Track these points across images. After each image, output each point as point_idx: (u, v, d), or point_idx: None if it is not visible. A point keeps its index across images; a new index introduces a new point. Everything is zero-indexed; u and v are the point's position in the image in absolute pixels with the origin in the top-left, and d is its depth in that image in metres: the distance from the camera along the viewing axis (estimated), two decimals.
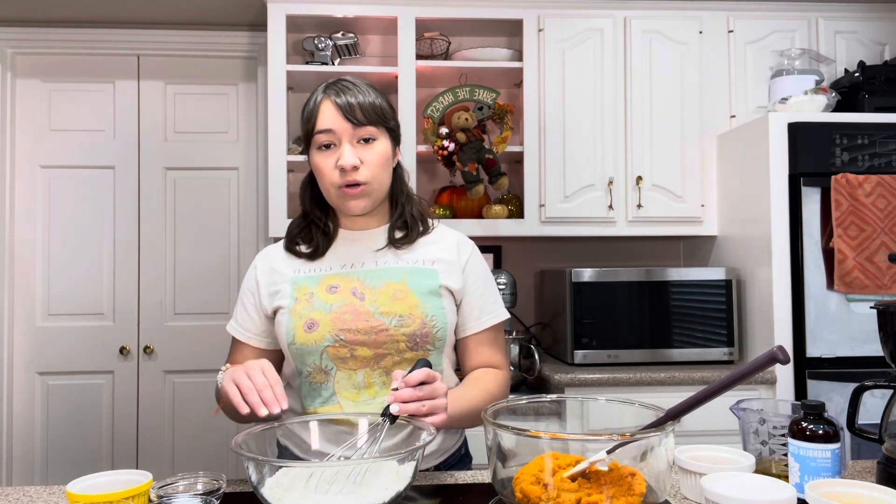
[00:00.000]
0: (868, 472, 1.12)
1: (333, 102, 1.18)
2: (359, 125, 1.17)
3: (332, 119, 1.17)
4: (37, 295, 2.80)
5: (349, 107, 1.17)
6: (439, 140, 2.36)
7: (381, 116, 1.20)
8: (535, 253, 2.88)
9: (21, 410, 2.78)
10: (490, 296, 1.29)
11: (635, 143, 2.53)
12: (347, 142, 1.17)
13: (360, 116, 1.17)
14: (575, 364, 2.34)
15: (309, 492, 0.86)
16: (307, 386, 1.21)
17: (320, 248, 1.26)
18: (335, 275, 1.23)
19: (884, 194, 2.13)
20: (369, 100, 1.19)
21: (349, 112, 1.16)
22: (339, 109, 1.17)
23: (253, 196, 2.89)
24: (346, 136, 1.17)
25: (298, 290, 1.22)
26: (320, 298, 1.20)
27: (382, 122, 1.20)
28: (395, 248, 1.25)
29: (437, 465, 1.25)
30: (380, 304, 1.19)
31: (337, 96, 1.18)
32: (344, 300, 1.19)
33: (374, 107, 1.19)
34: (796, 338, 2.18)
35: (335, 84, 1.21)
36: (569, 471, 0.83)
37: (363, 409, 1.17)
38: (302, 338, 1.17)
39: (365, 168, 1.18)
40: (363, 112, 1.17)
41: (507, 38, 2.76)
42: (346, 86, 1.20)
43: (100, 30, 2.80)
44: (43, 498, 1.05)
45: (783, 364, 0.81)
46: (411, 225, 1.27)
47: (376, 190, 1.21)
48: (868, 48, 2.63)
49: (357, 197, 1.19)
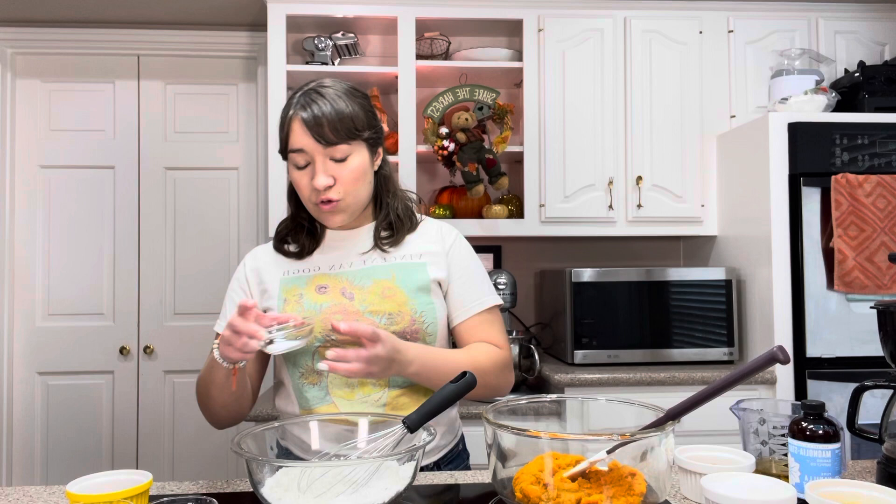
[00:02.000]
0: (868, 472, 1.12)
1: (301, 120, 1.14)
2: (328, 145, 1.13)
3: (303, 139, 1.14)
4: (37, 295, 2.80)
5: (317, 125, 1.12)
6: (439, 140, 2.36)
7: (352, 130, 1.15)
8: (535, 253, 2.88)
9: (21, 410, 2.78)
10: (476, 281, 1.28)
11: (635, 143, 2.53)
12: (320, 161, 1.15)
13: (330, 136, 1.13)
14: (575, 364, 2.34)
15: (309, 492, 0.86)
16: (302, 387, 1.21)
17: (306, 248, 1.27)
18: (324, 275, 1.23)
19: (884, 194, 2.13)
20: (340, 111, 1.14)
21: (318, 131, 1.13)
22: (308, 129, 1.13)
23: (253, 196, 2.89)
24: (318, 154, 1.15)
25: (287, 291, 1.22)
26: (310, 299, 1.20)
27: (355, 136, 1.16)
28: (380, 249, 1.25)
29: (436, 461, 1.24)
30: (369, 303, 1.19)
31: (304, 111, 1.13)
32: (334, 300, 1.19)
33: (343, 120, 1.14)
34: (796, 338, 2.18)
35: (305, 95, 1.16)
36: (569, 471, 0.83)
37: (358, 407, 1.17)
38: None
39: (339, 185, 1.16)
40: (332, 129, 1.13)
41: (507, 38, 2.76)
42: (314, 98, 1.14)
43: (100, 30, 2.80)
44: (43, 498, 1.05)
45: (783, 364, 0.81)
46: (397, 226, 1.26)
47: (352, 205, 1.20)
48: (868, 48, 2.63)
49: (333, 213, 1.19)
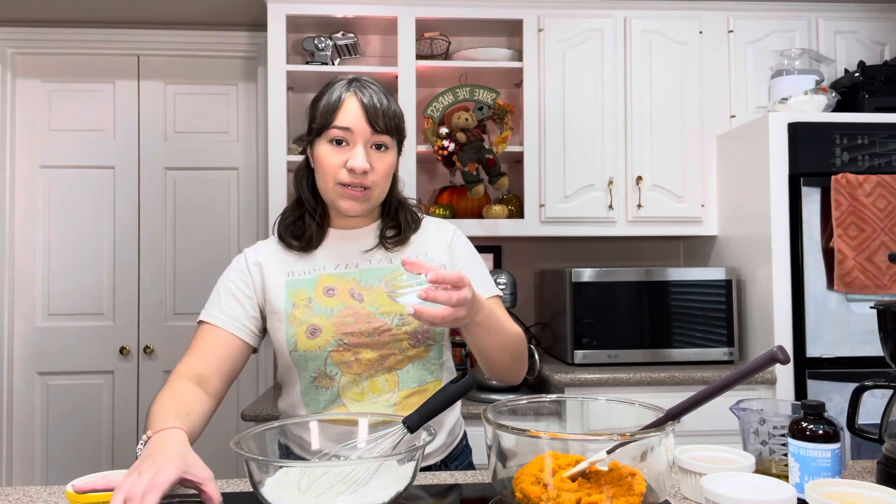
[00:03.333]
0: (868, 472, 1.12)
1: (360, 101, 1.15)
2: (377, 132, 1.16)
3: (355, 118, 1.15)
4: (37, 295, 2.80)
5: (374, 110, 1.15)
6: (439, 140, 2.36)
7: (398, 127, 1.19)
8: (535, 253, 2.88)
9: (21, 410, 2.78)
10: (480, 271, 1.27)
11: (635, 143, 2.53)
12: (362, 144, 1.15)
13: (382, 123, 1.16)
14: (575, 364, 2.34)
15: (309, 492, 0.86)
16: (312, 390, 1.20)
17: (314, 239, 1.23)
18: (330, 275, 1.21)
19: (884, 194, 2.13)
20: (392, 107, 1.18)
21: (373, 115, 1.15)
22: (364, 110, 1.15)
23: (253, 196, 2.89)
24: (362, 138, 1.15)
25: (295, 295, 1.19)
26: (319, 303, 1.18)
27: (398, 133, 1.20)
28: (385, 248, 1.25)
29: (441, 461, 1.24)
30: (379, 304, 1.18)
31: (362, 93, 1.16)
32: (344, 303, 1.18)
33: (395, 115, 1.18)
34: (796, 338, 2.18)
35: (359, 81, 1.18)
36: (569, 471, 0.83)
37: (367, 408, 1.17)
38: (305, 344, 1.16)
39: (373, 174, 1.17)
40: (385, 119, 1.16)
41: (507, 38, 2.76)
42: (369, 87, 1.18)
43: (100, 30, 2.80)
44: (43, 498, 1.05)
45: (783, 364, 0.81)
46: (405, 228, 1.26)
47: (377, 197, 1.20)
48: (868, 48, 2.63)
49: (358, 200, 1.17)
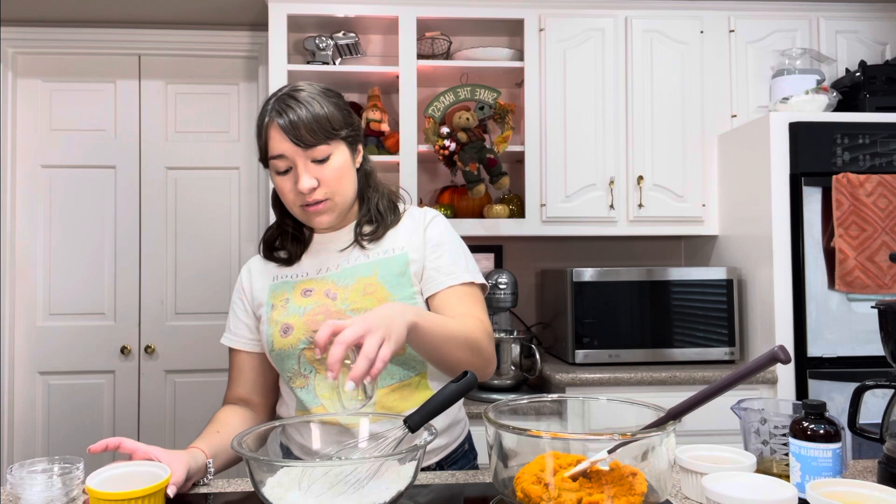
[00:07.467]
0: (869, 472, 1.12)
1: (282, 125, 1.12)
2: (308, 147, 1.13)
3: (282, 144, 1.13)
4: (37, 295, 2.80)
5: (294, 128, 1.12)
6: (440, 140, 2.36)
7: (329, 130, 1.14)
8: (536, 252, 2.87)
9: (22, 410, 2.79)
10: (452, 256, 1.23)
11: (636, 143, 2.53)
12: (302, 164, 1.14)
13: (308, 138, 1.12)
14: (576, 364, 2.34)
15: (310, 492, 0.86)
16: (291, 391, 1.22)
17: (294, 254, 1.27)
18: (311, 280, 1.23)
19: (885, 194, 2.13)
20: (315, 113, 1.13)
21: (295, 135, 1.12)
22: (288, 133, 1.12)
23: (254, 196, 2.89)
24: (299, 158, 1.14)
25: (275, 297, 1.23)
26: (295, 303, 1.20)
27: (333, 135, 1.15)
28: (360, 245, 1.24)
29: (439, 461, 1.24)
30: (351, 302, 1.18)
31: (280, 117, 1.12)
32: (317, 302, 1.19)
33: (319, 121, 1.13)
34: (797, 337, 2.18)
35: (279, 100, 1.15)
36: (570, 470, 0.83)
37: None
38: (279, 343, 1.18)
39: (323, 186, 1.16)
40: (309, 132, 1.12)
41: (509, 37, 2.76)
42: (288, 103, 1.13)
43: (101, 29, 2.80)
44: None
45: (784, 364, 0.81)
46: (377, 220, 1.26)
47: (339, 204, 1.20)
48: (869, 48, 2.63)
49: (321, 213, 1.18)
